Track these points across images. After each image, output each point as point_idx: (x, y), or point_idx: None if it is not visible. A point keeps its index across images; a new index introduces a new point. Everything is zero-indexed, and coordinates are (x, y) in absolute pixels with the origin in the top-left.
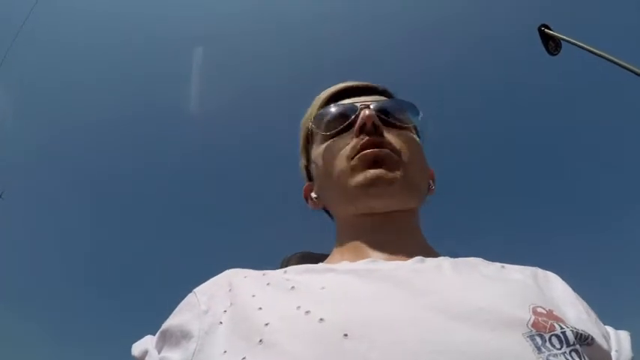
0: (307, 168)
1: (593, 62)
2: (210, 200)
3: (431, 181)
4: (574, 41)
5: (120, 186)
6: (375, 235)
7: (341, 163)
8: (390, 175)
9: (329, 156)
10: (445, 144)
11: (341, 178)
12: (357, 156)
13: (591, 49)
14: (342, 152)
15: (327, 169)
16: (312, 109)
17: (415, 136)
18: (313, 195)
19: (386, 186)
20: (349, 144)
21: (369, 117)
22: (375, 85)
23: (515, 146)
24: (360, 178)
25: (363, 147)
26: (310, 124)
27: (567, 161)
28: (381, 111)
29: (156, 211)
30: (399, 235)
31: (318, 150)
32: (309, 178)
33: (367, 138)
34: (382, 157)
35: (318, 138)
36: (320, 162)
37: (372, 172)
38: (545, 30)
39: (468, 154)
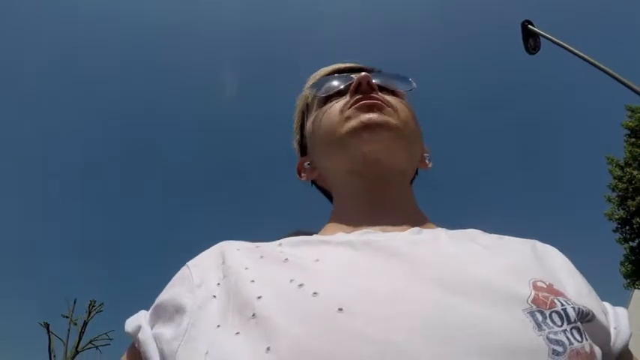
0: (301, 144)
1: (572, 62)
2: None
3: (427, 155)
4: (555, 39)
5: None
6: (370, 201)
7: (335, 116)
8: (386, 118)
9: (324, 115)
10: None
11: (334, 128)
12: (352, 107)
13: (572, 48)
14: (336, 107)
15: (320, 126)
16: (308, 84)
17: (408, 105)
18: (306, 164)
19: (381, 130)
20: (344, 101)
21: (364, 77)
22: (370, 67)
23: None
24: (353, 122)
25: (358, 100)
26: (307, 90)
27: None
28: (375, 78)
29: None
30: (394, 202)
31: (314, 113)
32: (303, 153)
33: (364, 95)
34: (378, 106)
35: (314, 104)
36: (315, 123)
37: (366, 116)
38: (529, 26)
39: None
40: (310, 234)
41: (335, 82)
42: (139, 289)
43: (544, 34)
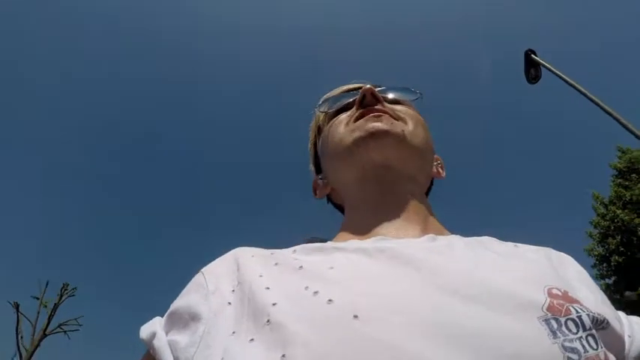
0: (315, 163)
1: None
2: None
3: (439, 164)
4: (556, 71)
5: None
6: (381, 208)
7: (341, 128)
8: (390, 128)
9: (331, 128)
10: None
11: (341, 139)
12: (358, 122)
13: (572, 82)
14: (342, 121)
15: (329, 140)
16: (318, 105)
17: (417, 112)
18: (320, 181)
19: (387, 137)
20: (350, 114)
21: (368, 89)
22: (378, 84)
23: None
24: (359, 132)
25: (364, 114)
26: (316, 109)
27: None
28: (381, 92)
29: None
30: (407, 209)
31: (324, 130)
32: (318, 172)
33: (369, 108)
34: (382, 117)
35: (325, 123)
36: (324, 139)
37: (372, 125)
38: (532, 55)
39: None
40: (324, 241)
41: (342, 99)
42: (114, 276)
43: (546, 64)
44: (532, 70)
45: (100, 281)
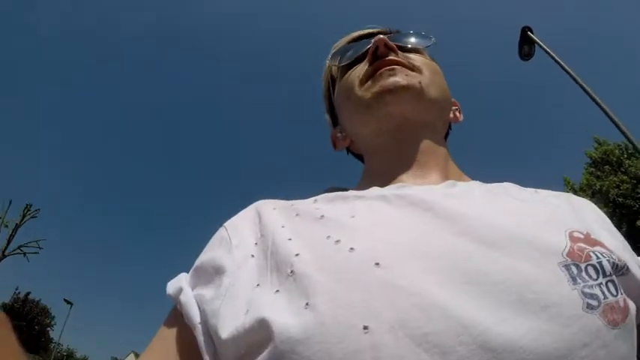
0: (331, 114)
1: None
2: None
3: (456, 109)
4: (550, 52)
5: None
6: (401, 156)
7: (356, 83)
8: (406, 80)
9: (347, 82)
10: None
11: (357, 95)
12: (373, 77)
13: (564, 64)
14: (357, 75)
15: (344, 95)
16: (330, 55)
17: (431, 60)
18: (339, 134)
19: (403, 91)
20: (363, 67)
21: (380, 40)
22: (387, 29)
23: None
24: (376, 87)
25: (378, 66)
26: (329, 61)
27: None
28: (394, 39)
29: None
30: (427, 156)
31: (338, 84)
32: (335, 124)
33: (380, 60)
34: (397, 67)
35: (338, 74)
36: (339, 93)
37: (387, 81)
38: (528, 32)
39: None
40: (345, 190)
41: (354, 50)
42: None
43: (541, 43)
44: (526, 46)
45: (65, 204)
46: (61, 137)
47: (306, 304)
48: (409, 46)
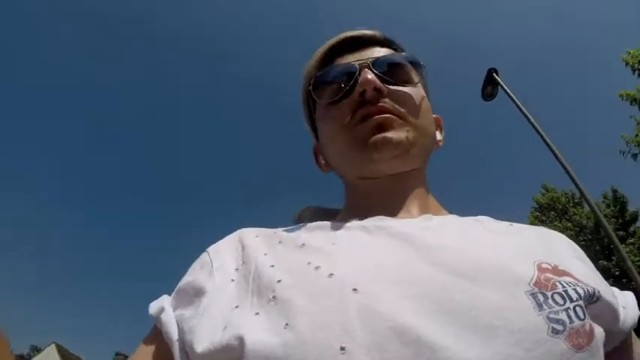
0: (312, 128)
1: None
2: None
3: (438, 132)
4: (513, 96)
5: None
6: (383, 197)
7: (342, 130)
8: (396, 138)
9: (330, 123)
10: None
11: (343, 145)
12: (360, 125)
13: (525, 110)
14: (343, 120)
15: (329, 138)
16: (310, 67)
17: (419, 90)
18: (322, 160)
19: (391, 149)
20: (349, 112)
21: (369, 82)
22: (374, 34)
23: None
24: (362, 143)
25: (365, 115)
26: (310, 88)
27: None
28: (381, 69)
29: None
30: (408, 196)
31: (320, 114)
32: (317, 137)
33: (368, 106)
34: (385, 123)
35: (318, 104)
36: (322, 128)
37: (375, 138)
38: (493, 74)
39: None
40: (326, 211)
41: (337, 81)
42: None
43: (505, 87)
44: (489, 87)
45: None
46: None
47: (286, 324)
48: (397, 79)
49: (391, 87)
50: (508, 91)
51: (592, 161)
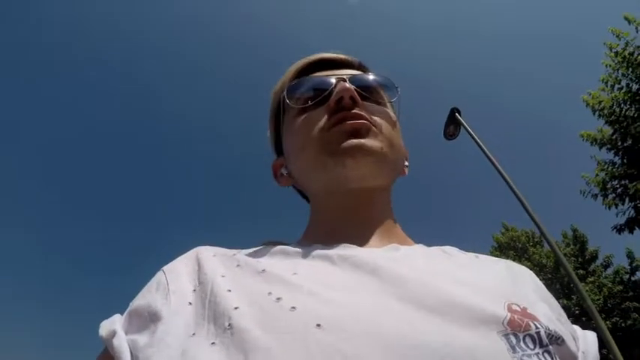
0: (276, 142)
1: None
2: None
3: (406, 161)
4: (474, 135)
5: None
6: (350, 216)
7: (315, 134)
8: (370, 145)
9: (302, 129)
10: None
11: (315, 149)
12: (334, 129)
13: (485, 150)
14: (316, 125)
15: (299, 142)
16: (285, 79)
17: (392, 111)
18: (284, 171)
19: (364, 156)
20: (324, 117)
21: (347, 90)
22: (349, 58)
23: None
24: (334, 146)
25: (340, 119)
26: (282, 95)
27: None
28: (358, 85)
29: None
30: (373, 217)
31: (290, 123)
32: (278, 152)
33: (344, 112)
34: (361, 129)
35: (291, 111)
36: (292, 135)
37: (349, 142)
38: (456, 114)
39: None
40: (283, 244)
41: (313, 89)
42: None
43: (467, 126)
44: (452, 126)
45: None
46: None
47: None
48: (373, 97)
49: (366, 102)
50: (470, 130)
51: (552, 201)
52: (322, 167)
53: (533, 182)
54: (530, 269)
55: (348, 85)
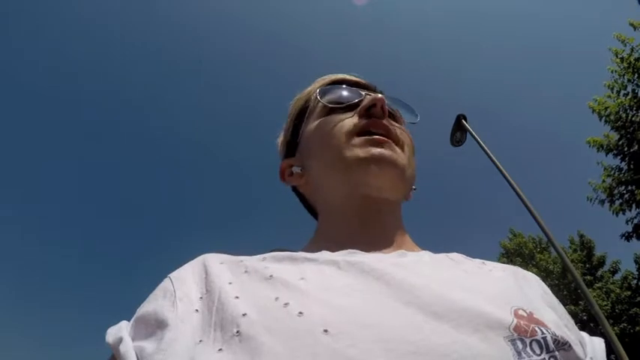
0: (289, 143)
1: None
2: None
3: (413, 185)
4: (481, 142)
5: None
6: (360, 224)
7: (342, 136)
8: (395, 157)
9: (330, 128)
10: None
11: (341, 149)
12: (363, 137)
13: (492, 156)
14: (346, 126)
15: (324, 141)
16: (314, 87)
17: (409, 134)
18: (296, 169)
19: (389, 167)
20: (354, 120)
21: (379, 99)
22: (374, 85)
23: None
24: (363, 152)
25: (369, 126)
26: (314, 94)
27: None
28: (387, 103)
29: None
30: (384, 226)
31: (315, 122)
32: (288, 154)
33: (375, 120)
34: (389, 142)
35: (317, 109)
36: (318, 133)
37: (378, 150)
38: (462, 120)
39: None
40: (292, 251)
41: (345, 94)
42: None
43: (473, 133)
44: (458, 133)
45: None
46: None
47: None
48: (396, 114)
49: (391, 119)
50: (476, 137)
51: (559, 207)
52: (345, 168)
53: (540, 188)
54: (537, 275)
55: (380, 95)
